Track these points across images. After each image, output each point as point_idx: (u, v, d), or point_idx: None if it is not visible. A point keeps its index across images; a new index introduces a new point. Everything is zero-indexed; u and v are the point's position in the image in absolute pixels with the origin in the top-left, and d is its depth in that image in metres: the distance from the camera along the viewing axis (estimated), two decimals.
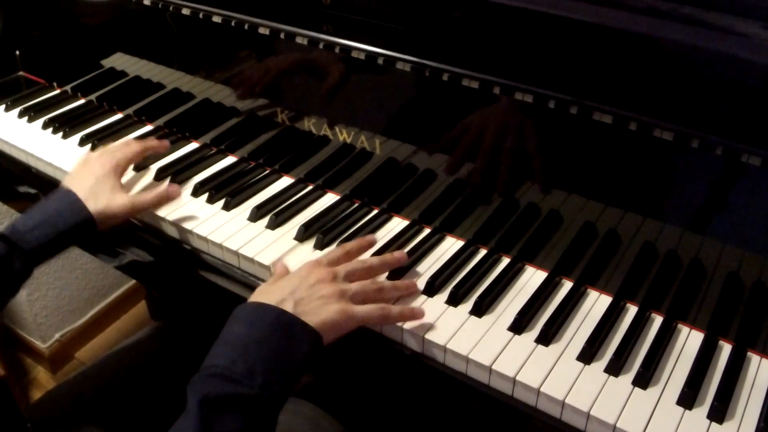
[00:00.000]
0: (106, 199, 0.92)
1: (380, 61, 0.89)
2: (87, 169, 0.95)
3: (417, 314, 0.79)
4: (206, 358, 0.70)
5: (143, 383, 1.03)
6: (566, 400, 0.71)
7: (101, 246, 1.09)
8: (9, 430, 0.83)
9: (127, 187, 1.02)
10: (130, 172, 1.05)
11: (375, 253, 0.89)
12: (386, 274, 0.86)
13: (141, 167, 1.08)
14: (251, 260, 0.90)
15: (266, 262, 0.89)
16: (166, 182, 1.04)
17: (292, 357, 0.69)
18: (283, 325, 0.71)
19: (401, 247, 0.91)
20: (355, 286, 0.78)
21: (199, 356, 0.68)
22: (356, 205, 1.00)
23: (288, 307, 0.73)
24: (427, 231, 0.95)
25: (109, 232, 0.96)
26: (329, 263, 0.81)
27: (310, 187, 1.04)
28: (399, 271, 0.87)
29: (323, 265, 0.80)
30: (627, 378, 0.74)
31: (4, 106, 1.26)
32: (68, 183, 0.93)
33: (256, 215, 0.97)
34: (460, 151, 0.88)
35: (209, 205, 1.00)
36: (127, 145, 1.01)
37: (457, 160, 0.88)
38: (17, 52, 1.35)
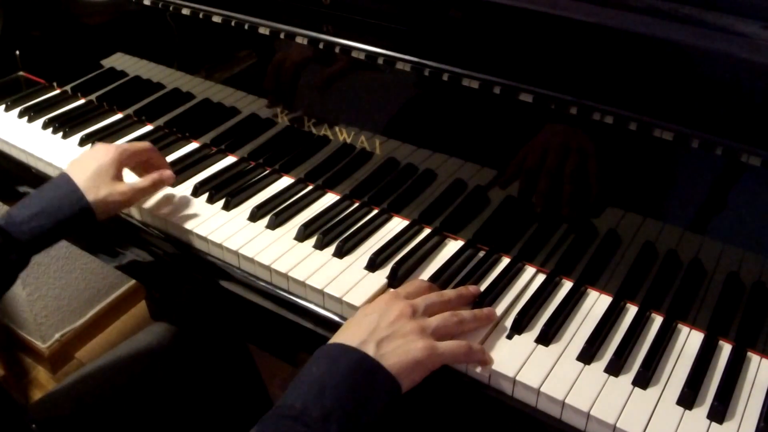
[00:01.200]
0: (107, 189, 0.89)
1: (380, 61, 0.89)
2: (90, 156, 0.92)
3: (489, 360, 0.75)
4: (282, 397, 0.66)
5: (143, 383, 1.03)
6: (566, 401, 0.71)
7: (101, 246, 1.09)
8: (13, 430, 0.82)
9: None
10: (131, 174, 1.02)
11: (373, 254, 0.89)
12: None
13: None
14: (251, 260, 0.90)
15: (266, 262, 0.89)
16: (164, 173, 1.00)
17: (370, 405, 0.66)
18: (364, 370, 0.67)
19: (403, 246, 0.92)
20: (435, 321, 0.74)
21: (199, 356, 0.66)
22: (356, 205, 1.00)
23: (370, 349, 0.68)
24: (427, 231, 0.95)
25: (107, 221, 0.94)
26: (407, 296, 0.77)
27: (310, 187, 1.04)
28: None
29: (401, 299, 0.76)
30: (627, 378, 0.74)
31: (4, 106, 1.26)
32: (69, 170, 0.91)
33: (256, 215, 0.97)
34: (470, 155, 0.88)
35: (209, 205, 1.00)
36: (137, 143, 0.98)
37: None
38: (17, 52, 1.35)
